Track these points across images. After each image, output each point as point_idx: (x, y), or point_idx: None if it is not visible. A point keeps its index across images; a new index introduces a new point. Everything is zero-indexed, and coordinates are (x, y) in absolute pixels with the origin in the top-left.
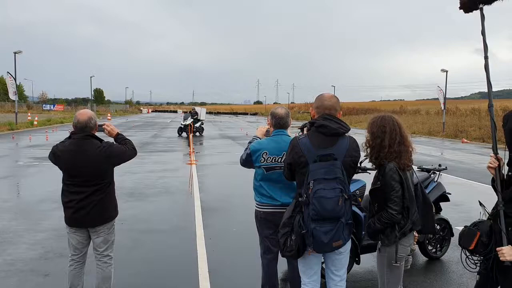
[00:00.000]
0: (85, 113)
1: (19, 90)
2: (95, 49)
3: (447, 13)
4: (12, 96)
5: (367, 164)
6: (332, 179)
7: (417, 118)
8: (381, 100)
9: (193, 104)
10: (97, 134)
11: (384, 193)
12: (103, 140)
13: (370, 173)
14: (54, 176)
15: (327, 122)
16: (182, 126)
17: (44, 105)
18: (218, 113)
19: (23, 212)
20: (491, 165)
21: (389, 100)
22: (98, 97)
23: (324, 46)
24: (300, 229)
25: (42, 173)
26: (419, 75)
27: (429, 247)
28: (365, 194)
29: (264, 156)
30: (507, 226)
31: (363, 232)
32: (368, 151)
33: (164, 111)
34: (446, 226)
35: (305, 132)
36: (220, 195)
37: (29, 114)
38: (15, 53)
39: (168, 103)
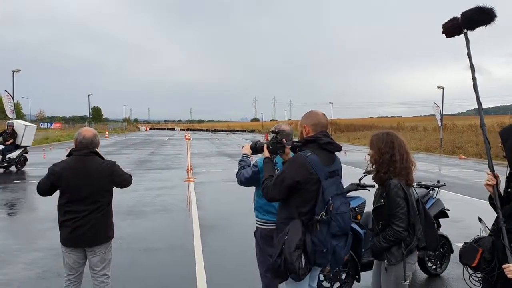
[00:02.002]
0: (90, 130)
1: (17, 108)
2: (92, 67)
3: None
4: (10, 114)
5: (366, 181)
6: (341, 194)
7: (414, 135)
8: (378, 117)
9: (190, 121)
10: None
11: (389, 210)
12: (105, 158)
13: (369, 190)
14: (50, 196)
15: (331, 140)
16: None
17: (41, 123)
18: (215, 130)
19: (18, 232)
20: (489, 182)
21: (386, 117)
22: (96, 115)
23: (322, 64)
24: (318, 248)
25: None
26: (415, 92)
27: (429, 264)
28: (364, 211)
29: None
30: (509, 241)
31: (363, 250)
32: (374, 168)
33: (162, 129)
34: (446, 242)
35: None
36: (218, 213)
37: None
38: (13, 71)
39: (166, 121)
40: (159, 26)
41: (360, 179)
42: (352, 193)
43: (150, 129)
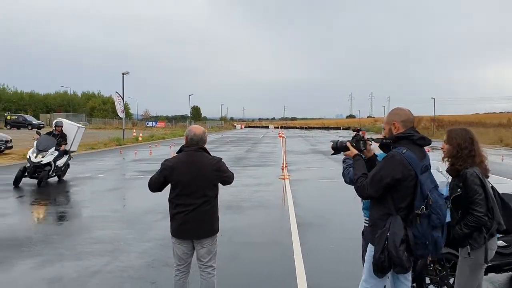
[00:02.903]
0: (200, 128)
1: (126, 108)
2: (193, 68)
3: None
4: (120, 114)
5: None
6: (435, 187)
7: None
8: (485, 113)
9: (284, 119)
10: None
11: (468, 197)
12: (213, 155)
13: None
14: None
15: (422, 135)
16: (31, 166)
17: (147, 122)
18: (309, 127)
19: (131, 222)
20: None
21: (494, 113)
22: (196, 114)
23: (422, 58)
24: (420, 240)
25: (146, 186)
26: None
27: None
28: None
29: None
30: None
31: None
32: (452, 161)
33: (256, 127)
34: None
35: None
36: (315, 211)
37: (134, 130)
38: (123, 74)
39: (260, 119)
40: (256, 26)
41: None
42: None
43: (245, 127)
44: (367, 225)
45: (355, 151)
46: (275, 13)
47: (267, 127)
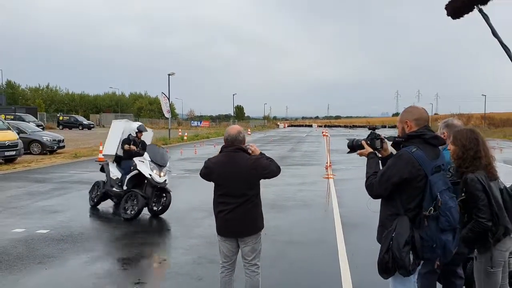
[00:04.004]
0: (234, 128)
1: (171, 108)
2: (235, 68)
3: None
4: (166, 114)
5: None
6: (447, 189)
7: None
8: None
9: (327, 118)
10: None
11: (470, 203)
12: (251, 153)
13: None
14: (203, 187)
15: (435, 133)
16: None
17: (192, 121)
18: (354, 126)
19: (177, 219)
20: None
21: None
22: (239, 113)
23: (471, 53)
24: (427, 243)
25: (192, 184)
26: None
27: None
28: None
29: (451, 171)
30: None
31: None
32: (458, 163)
33: (300, 126)
34: None
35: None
36: (360, 211)
37: (179, 130)
38: (169, 75)
39: (303, 118)
40: (297, 23)
41: None
42: None
43: (288, 126)
44: None
45: (370, 149)
46: (318, 10)
47: (310, 126)
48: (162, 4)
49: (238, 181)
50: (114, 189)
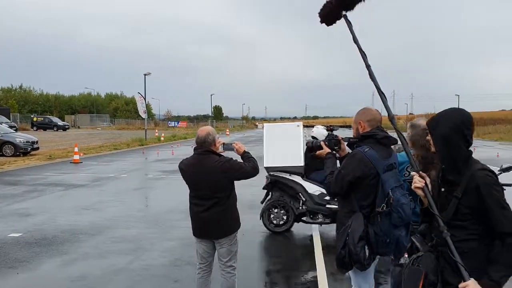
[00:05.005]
0: (204, 129)
1: (148, 108)
2: (213, 68)
3: None
4: (142, 114)
5: (502, 179)
6: (399, 186)
7: None
8: None
9: (305, 118)
10: (228, 152)
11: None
12: (222, 155)
13: (505, 189)
14: (179, 188)
15: (387, 134)
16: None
17: (169, 122)
18: (342, 126)
19: (154, 221)
20: (417, 184)
21: None
22: (217, 113)
23: (445, 54)
24: (381, 238)
25: (169, 185)
26: None
27: None
28: None
29: (408, 170)
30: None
31: None
32: (425, 164)
33: None
34: None
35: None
36: None
37: (156, 130)
38: (145, 74)
39: (282, 118)
40: (278, 24)
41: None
42: None
43: None
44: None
45: (328, 150)
46: (297, 12)
47: None
48: (139, 4)
49: (206, 184)
50: (326, 206)
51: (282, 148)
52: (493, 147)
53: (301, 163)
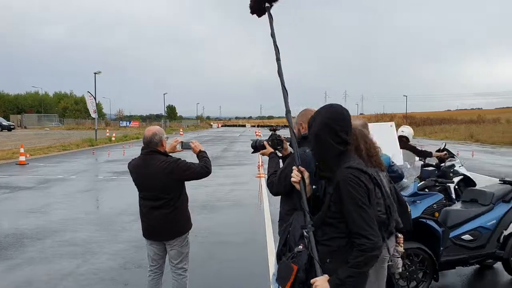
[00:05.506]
0: (150, 129)
1: (98, 108)
2: (167, 67)
3: None
4: (92, 114)
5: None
6: None
7: (497, 128)
8: (457, 109)
9: (260, 118)
10: (185, 151)
11: None
12: (169, 156)
13: (449, 186)
14: (131, 190)
15: None
16: None
17: (120, 122)
18: (285, 126)
19: (103, 224)
20: (293, 179)
21: (465, 109)
22: (171, 113)
23: (396, 56)
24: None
25: (120, 186)
26: (498, 83)
27: None
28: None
29: None
30: (326, 256)
31: (441, 248)
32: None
33: (233, 126)
34: None
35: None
36: None
37: (107, 130)
38: (95, 73)
39: (237, 118)
40: (232, 24)
41: (438, 176)
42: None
43: (222, 126)
44: None
45: (271, 150)
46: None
47: (244, 125)
48: (89, 1)
49: (153, 185)
50: None
51: (386, 147)
52: (439, 146)
53: (401, 161)
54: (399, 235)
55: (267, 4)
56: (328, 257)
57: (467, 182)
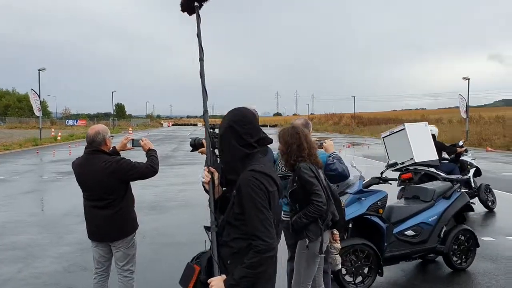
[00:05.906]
0: (94, 128)
1: (43, 106)
2: (116, 65)
3: (462, 19)
4: (37, 112)
5: (388, 174)
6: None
7: (439, 127)
8: (402, 110)
9: (213, 117)
10: (135, 149)
11: (306, 190)
12: (113, 155)
13: (391, 184)
14: (77, 190)
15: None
16: None
17: (67, 120)
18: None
19: (47, 226)
20: (203, 180)
21: (410, 109)
22: (120, 111)
23: (345, 57)
24: None
25: (65, 187)
26: (440, 84)
27: (454, 258)
28: (386, 205)
29: (279, 166)
30: (227, 258)
31: (385, 244)
32: (285, 158)
33: (185, 125)
34: (471, 236)
35: None
36: None
37: (52, 129)
38: (39, 70)
39: (188, 116)
40: (182, 23)
41: (382, 173)
42: (374, 187)
43: (173, 125)
44: (286, 219)
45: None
46: (204, 10)
47: (195, 124)
48: None
49: (95, 185)
50: None
51: (424, 145)
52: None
53: (436, 157)
54: (335, 231)
55: (196, 4)
56: (229, 258)
57: (475, 172)
